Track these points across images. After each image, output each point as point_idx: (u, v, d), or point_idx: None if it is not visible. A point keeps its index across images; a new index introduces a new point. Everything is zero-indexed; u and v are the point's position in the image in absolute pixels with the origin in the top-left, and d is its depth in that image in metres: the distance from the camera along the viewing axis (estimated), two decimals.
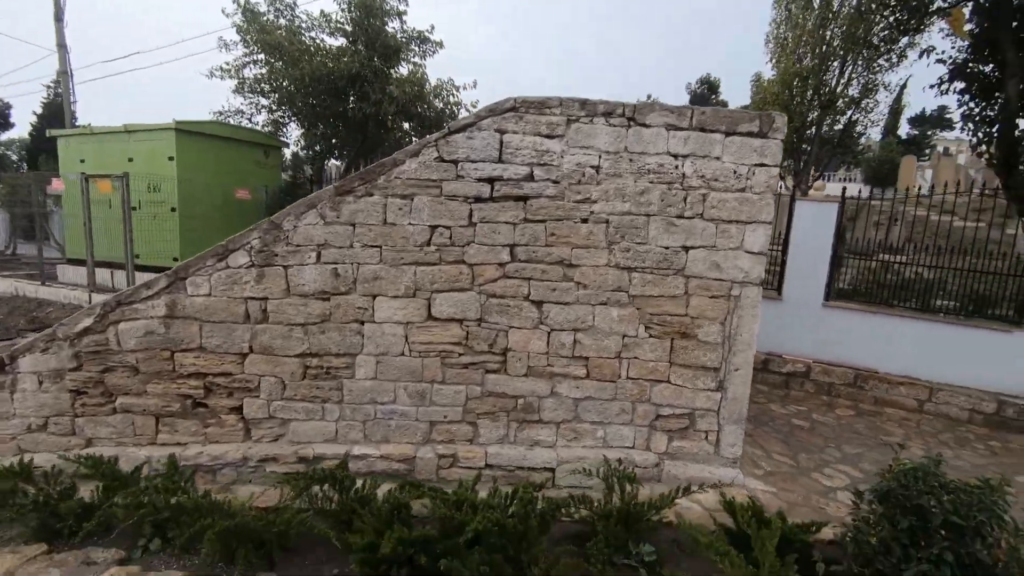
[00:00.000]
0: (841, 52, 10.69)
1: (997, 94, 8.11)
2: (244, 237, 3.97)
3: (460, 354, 4.14)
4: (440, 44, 11.35)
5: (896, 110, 20.09)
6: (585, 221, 4.02)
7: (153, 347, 4.05)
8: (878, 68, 10.72)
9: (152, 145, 8.89)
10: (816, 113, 10.64)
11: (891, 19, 8.92)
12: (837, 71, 10.89)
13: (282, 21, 10.76)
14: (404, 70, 10.71)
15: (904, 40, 9.40)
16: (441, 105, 10.69)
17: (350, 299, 4.06)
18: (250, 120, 12.68)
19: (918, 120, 37.36)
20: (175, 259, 8.89)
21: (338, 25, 10.24)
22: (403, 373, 4.15)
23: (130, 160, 9.07)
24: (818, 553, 2.82)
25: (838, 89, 11.04)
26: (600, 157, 3.96)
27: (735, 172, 3.98)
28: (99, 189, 8.34)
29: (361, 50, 9.45)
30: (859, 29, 10.12)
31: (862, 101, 11.27)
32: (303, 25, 10.96)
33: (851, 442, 5.38)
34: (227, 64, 12.18)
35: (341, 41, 10.52)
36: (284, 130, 11.72)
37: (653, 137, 3.94)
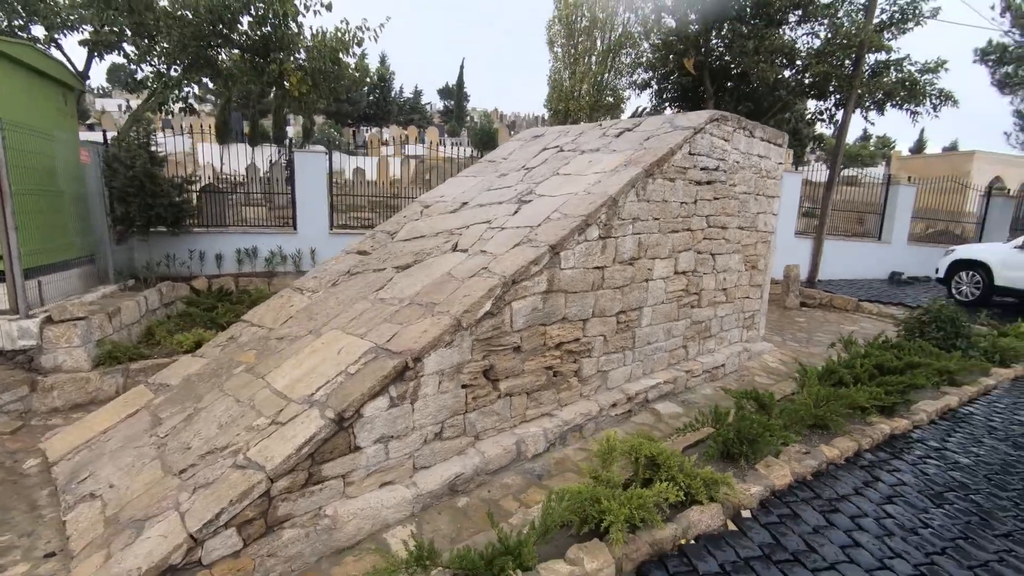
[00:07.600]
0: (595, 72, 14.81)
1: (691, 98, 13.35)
2: (596, 212, 4.43)
3: (684, 297, 5.64)
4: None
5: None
6: (732, 199, 6.08)
7: (534, 323, 4.09)
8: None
9: None
10: (590, 112, 14.67)
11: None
12: (600, 82, 14.97)
13: None
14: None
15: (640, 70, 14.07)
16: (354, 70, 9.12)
17: (642, 263, 5.02)
18: None
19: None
20: None
21: None
22: (662, 317, 5.37)
23: None
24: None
25: (603, 96, 15.19)
26: (740, 155, 6.07)
27: (774, 167, 6.75)
28: None
29: None
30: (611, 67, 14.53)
31: (620, 105, 15.81)
32: None
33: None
34: None
35: None
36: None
37: (756, 144, 6.30)
